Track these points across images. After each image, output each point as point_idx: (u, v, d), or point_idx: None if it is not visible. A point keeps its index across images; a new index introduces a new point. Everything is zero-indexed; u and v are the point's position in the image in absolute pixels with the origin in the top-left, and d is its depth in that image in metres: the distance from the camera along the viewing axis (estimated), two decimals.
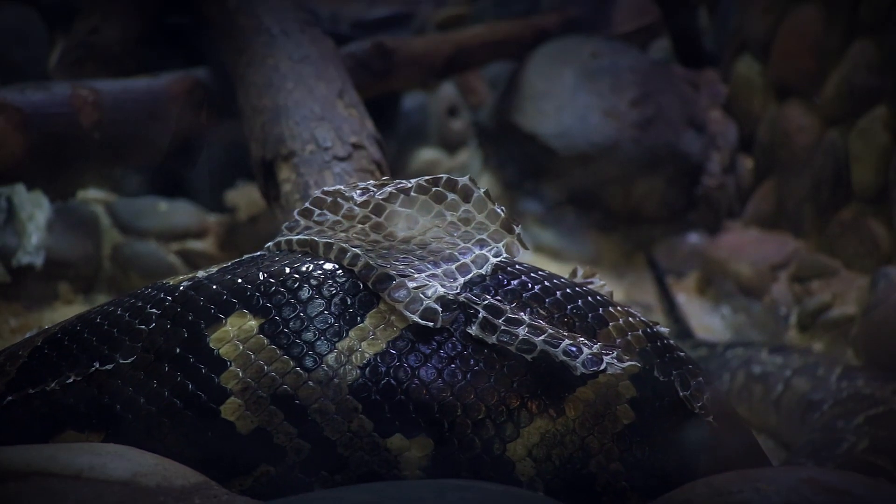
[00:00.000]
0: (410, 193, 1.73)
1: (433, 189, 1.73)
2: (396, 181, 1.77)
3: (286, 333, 1.56)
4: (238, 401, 1.55)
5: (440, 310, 1.56)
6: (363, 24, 4.88)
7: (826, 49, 4.15)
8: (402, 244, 1.69)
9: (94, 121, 3.31)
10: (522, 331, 1.55)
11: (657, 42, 5.39)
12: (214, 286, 1.62)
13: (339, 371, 1.54)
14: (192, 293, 1.62)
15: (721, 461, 1.60)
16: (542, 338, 1.55)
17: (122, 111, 3.42)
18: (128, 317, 1.62)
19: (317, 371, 1.54)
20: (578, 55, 4.85)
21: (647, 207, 4.77)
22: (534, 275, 1.67)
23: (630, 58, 4.91)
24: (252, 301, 1.59)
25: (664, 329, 1.72)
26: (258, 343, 1.56)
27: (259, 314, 1.58)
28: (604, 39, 5.01)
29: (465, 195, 1.74)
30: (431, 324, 1.55)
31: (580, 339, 1.57)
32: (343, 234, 1.71)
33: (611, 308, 1.67)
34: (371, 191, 1.76)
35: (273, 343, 1.56)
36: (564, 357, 1.53)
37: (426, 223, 1.72)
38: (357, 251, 1.63)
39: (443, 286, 1.58)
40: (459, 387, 1.53)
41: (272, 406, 1.55)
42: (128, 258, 3.98)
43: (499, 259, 1.67)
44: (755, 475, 1.42)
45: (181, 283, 1.65)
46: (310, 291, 1.60)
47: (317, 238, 1.70)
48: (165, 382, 1.56)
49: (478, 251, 1.67)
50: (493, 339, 1.55)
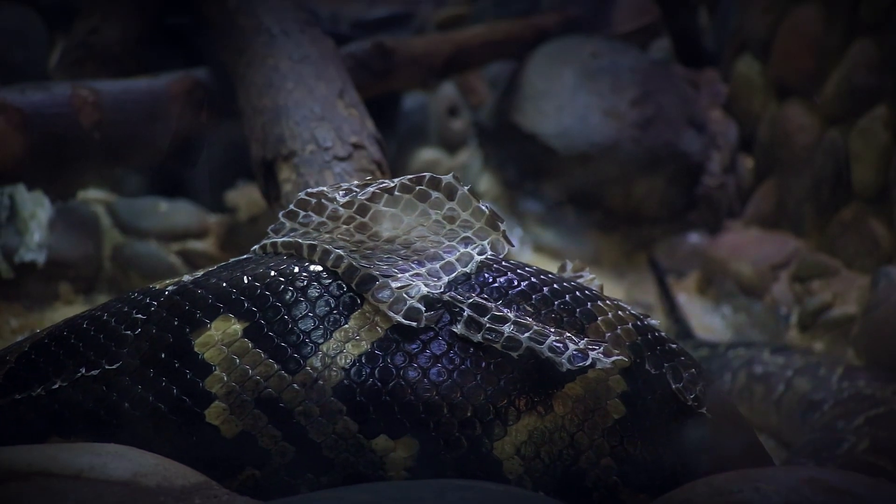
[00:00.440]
0: (394, 193, 1.72)
1: (417, 188, 1.72)
2: (379, 181, 1.76)
3: (270, 336, 1.56)
4: (222, 405, 1.55)
5: (424, 309, 1.55)
6: (363, 24, 4.88)
7: (826, 48, 4.15)
8: (387, 244, 1.69)
9: (95, 121, 3.31)
10: (508, 328, 1.54)
11: (657, 42, 5.39)
12: (199, 290, 1.62)
13: (323, 373, 1.54)
14: (178, 298, 1.61)
15: (716, 453, 1.60)
16: (528, 335, 1.54)
17: (123, 111, 3.42)
18: (114, 322, 1.62)
19: (300, 374, 1.54)
20: (578, 55, 4.85)
21: (648, 207, 4.77)
22: (520, 271, 1.66)
23: (630, 58, 4.91)
24: (236, 305, 1.59)
25: (655, 321, 1.71)
26: (242, 347, 1.56)
27: (243, 318, 1.58)
28: (604, 39, 5.01)
29: (450, 193, 1.72)
30: (415, 324, 1.54)
31: (567, 335, 1.56)
32: (328, 236, 1.70)
33: (600, 302, 1.66)
34: (354, 191, 1.75)
35: (257, 346, 1.56)
36: (550, 353, 1.53)
37: (411, 222, 1.71)
38: (340, 252, 1.63)
39: (426, 285, 1.58)
40: (444, 386, 1.53)
41: (256, 409, 1.55)
42: (128, 258, 3.98)
43: (484, 257, 1.66)
44: (755, 475, 1.42)
45: (167, 288, 1.65)
46: (294, 294, 1.59)
47: (301, 240, 1.69)
48: (150, 387, 1.56)
49: (462, 249, 1.67)
50: (479, 338, 1.54)
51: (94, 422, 1.56)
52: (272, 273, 1.63)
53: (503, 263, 1.68)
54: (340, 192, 1.75)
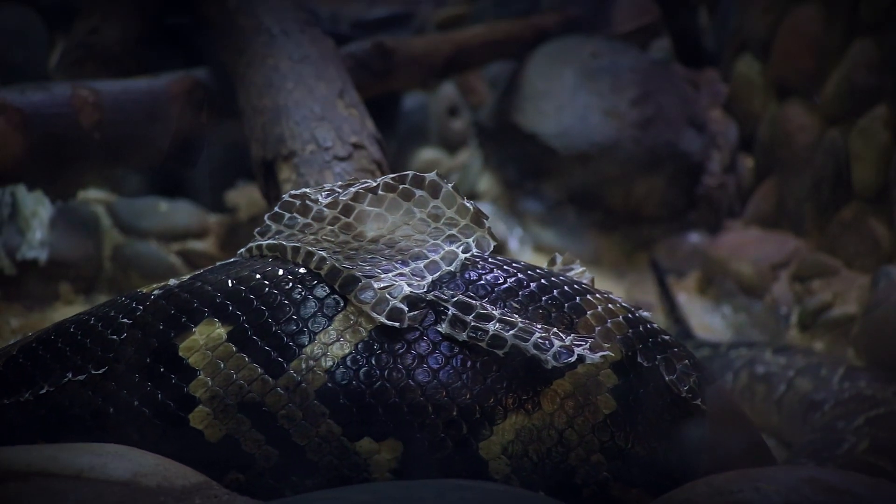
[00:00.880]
0: (378, 192, 1.71)
1: (400, 186, 1.71)
2: (363, 180, 1.75)
3: (254, 340, 1.56)
4: (206, 409, 1.55)
5: (406, 309, 1.54)
6: (363, 24, 4.89)
7: (826, 48, 4.15)
8: (371, 244, 1.68)
9: (95, 121, 3.31)
10: (493, 326, 1.53)
11: (657, 42, 5.39)
12: (185, 294, 1.62)
13: (307, 376, 1.53)
14: (163, 302, 1.61)
15: (717, 449, 1.59)
16: (512, 332, 1.53)
17: (123, 112, 3.42)
18: (101, 327, 1.62)
19: (284, 377, 1.53)
20: (578, 55, 4.85)
21: (648, 207, 4.77)
22: (507, 268, 1.65)
23: (630, 57, 4.91)
24: (220, 309, 1.58)
25: (646, 313, 1.70)
26: (226, 351, 1.56)
27: (227, 322, 1.57)
28: (604, 39, 5.01)
29: (434, 190, 1.71)
30: (398, 324, 1.53)
31: (553, 332, 1.55)
32: (312, 237, 1.69)
33: (589, 296, 1.64)
34: (336, 191, 1.74)
35: (241, 350, 1.55)
36: (535, 351, 1.52)
37: (396, 221, 1.70)
38: (323, 254, 1.62)
39: (410, 285, 1.57)
40: (429, 387, 1.52)
41: (239, 414, 1.54)
42: (128, 258, 3.98)
43: (468, 254, 1.65)
44: (755, 474, 1.42)
45: (153, 292, 1.65)
46: (277, 297, 1.59)
47: (284, 242, 1.69)
48: (136, 392, 1.56)
49: (447, 247, 1.65)
50: (464, 336, 1.53)
51: (81, 427, 1.56)
52: (256, 276, 1.62)
53: (489, 260, 1.66)
54: (323, 194, 1.74)
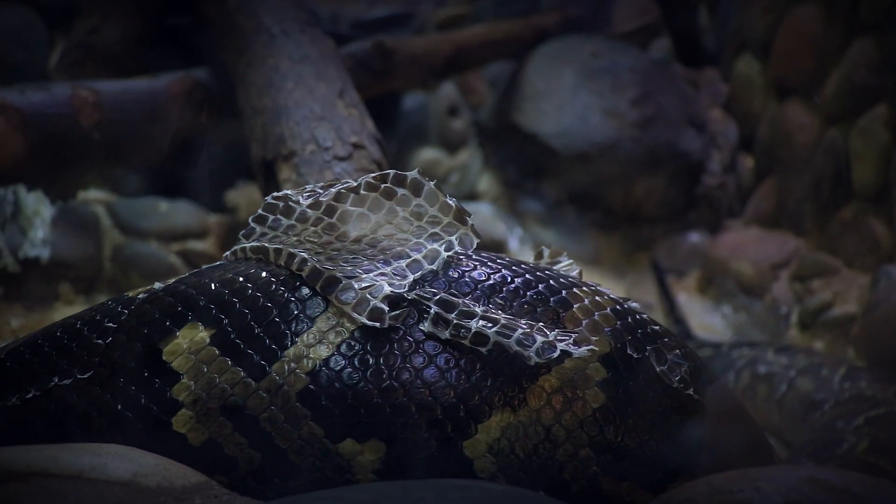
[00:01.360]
0: (360, 191, 1.70)
1: (382, 185, 1.70)
2: (344, 180, 1.75)
3: (236, 344, 1.56)
4: (189, 413, 1.55)
5: (387, 309, 1.53)
6: (363, 24, 4.88)
7: (826, 48, 4.15)
8: (354, 244, 1.67)
9: (95, 121, 3.31)
10: (475, 323, 1.52)
11: (657, 41, 5.38)
12: (169, 298, 1.62)
13: (288, 379, 1.53)
14: (148, 306, 1.62)
15: (715, 439, 1.58)
16: (495, 329, 1.52)
17: (123, 112, 3.42)
18: (86, 331, 1.62)
19: (265, 380, 1.53)
20: (578, 55, 4.85)
21: (648, 207, 4.77)
22: (491, 264, 1.64)
23: (630, 57, 4.91)
24: (203, 312, 1.58)
25: (635, 304, 1.69)
26: (209, 354, 1.56)
27: (210, 325, 1.57)
28: (604, 39, 5.01)
29: (416, 189, 1.70)
30: (378, 324, 1.53)
31: (538, 327, 1.54)
32: (295, 238, 1.69)
33: (576, 289, 1.63)
34: (318, 192, 1.74)
35: (223, 354, 1.55)
36: (518, 347, 1.51)
37: (379, 220, 1.69)
38: (304, 255, 1.61)
39: (391, 285, 1.56)
40: (410, 386, 1.51)
41: (222, 417, 1.54)
42: (128, 259, 3.98)
43: (451, 253, 1.64)
44: (756, 474, 1.42)
45: (139, 296, 1.65)
46: (260, 300, 1.58)
47: (267, 244, 1.68)
48: (119, 396, 1.56)
49: (430, 246, 1.65)
50: (446, 335, 1.52)
51: (66, 431, 1.56)
52: (239, 279, 1.62)
53: (473, 257, 1.66)
54: (304, 195, 1.74)
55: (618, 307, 1.64)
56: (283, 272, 1.62)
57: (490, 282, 1.61)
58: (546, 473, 1.53)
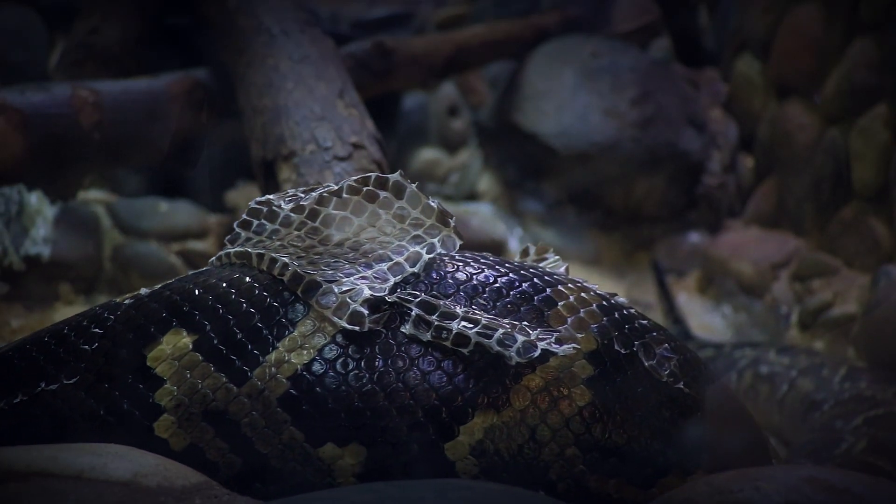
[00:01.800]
0: (342, 195, 1.70)
1: (364, 189, 1.70)
2: (325, 184, 1.74)
3: (218, 349, 1.56)
4: (171, 418, 1.55)
5: (366, 313, 1.53)
6: (363, 24, 4.89)
7: (826, 48, 4.15)
8: (336, 248, 1.67)
9: (95, 121, 3.31)
10: (456, 325, 1.52)
11: (657, 41, 5.39)
12: (153, 304, 1.62)
13: (269, 384, 1.53)
14: (134, 312, 1.62)
15: (713, 439, 1.57)
16: (476, 329, 1.51)
17: (123, 112, 3.42)
18: (73, 336, 1.63)
19: (247, 385, 1.54)
20: (578, 55, 4.85)
21: (648, 207, 4.77)
22: (474, 264, 1.64)
23: (630, 57, 4.91)
24: (187, 318, 1.59)
25: (623, 299, 1.68)
26: (192, 360, 1.56)
27: (193, 331, 1.58)
28: (604, 39, 5.01)
29: (398, 191, 1.70)
30: (357, 328, 1.53)
31: (520, 326, 1.54)
32: (279, 243, 1.69)
33: (560, 286, 1.62)
34: (299, 196, 1.73)
35: (206, 359, 1.56)
36: (499, 347, 1.50)
37: (362, 223, 1.69)
38: (286, 260, 1.61)
39: (371, 288, 1.56)
40: (392, 390, 1.51)
41: (203, 422, 1.55)
42: (129, 259, 3.98)
43: (433, 255, 1.64)
44: (756, 474, 1.41)
45: (125, 301, 1.66)
46: (242, 305, 1.59)
47: (250, 249, 1.68)
48: (103, 402, 1.57)
49: (412, 249, 1.64)
50: (428, 336, 1.52)
51: (52, 436, 1.56)
52: (222, 284, 1.62)
53: (456, 257, 1.66)
54: (285, 200, 1.74)
55: (604, 303, 1.62)
56: (266, 277, 1.62)
57: (473, 282, 1.60)
58: (531, 473, 1.52)
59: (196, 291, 1.62)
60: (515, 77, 4.91)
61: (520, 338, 1.51)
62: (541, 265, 1.81)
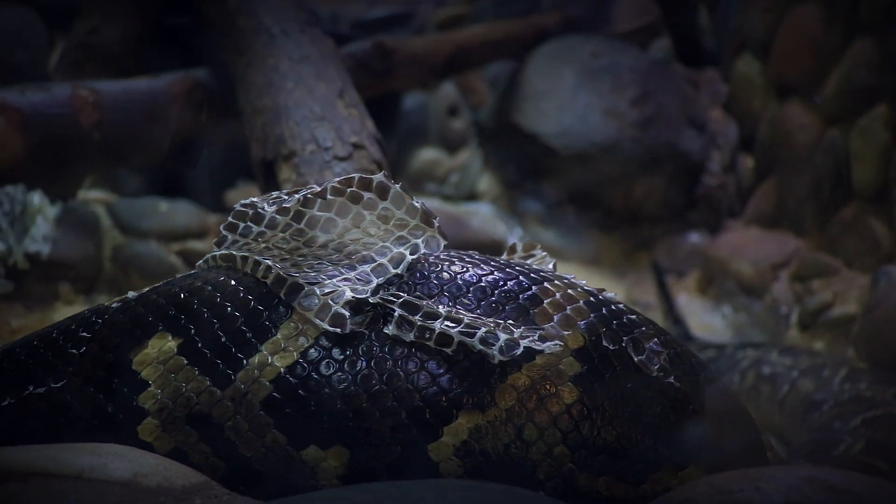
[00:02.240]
0: (327, 196, 1.69)
1: (348, 190, 1.69)
2: (309, 186, 1.74)
3: (203, 352, 1.56)
4: (154, 421, 1.55)
5: (348, 315, 1.53)
6: (363, 24, 4.89)
7: (826, 48, 4.15)
8: (320, 249, 1.67)
9: (95, 121, 3.31)
10: (439, 324, 1.51)
11: (657, 41, 5.39)
12: (140, 308, 1.63)
13: (252, 387, 1.53)
14: (120, 316, 1.63)
15: (702, 430, 1.56)
16: (459, 329, 1.51)
17: (123, 112, 3.42)
18: (62, 340, 1.63)
19: (230, 388, 1.54)
20: (578, 55, 4.85)
21: (648, 207, 4.77)
22: (459, 263, 1.63)
23: (630, 57, 4.91)
24: (172, 321, 1.59)
25: (611, 294, 1.67)
26: (177, 363, 1.56)
27: (178, 334, 1.58)
28: (604, 39, 5.01)
29: (381, 192, 1.69)
30: (339, 330, 1.52)
31: (503, 325, 1.53)
32: (264, 245, 1.69)
33: (547, 284, 1.61)
34: (283, 198, 1.73)
35: (191, 363, 1.56)
36: (482, 346, 1.50)
37: (346, 225, 1.69)
38: (269, 262, 1.61)
39: (354, 290, 1.55)
40: (374, 391, 1.50)
41: (187, 426, 1.55)
42: (128, 258, 3.98)
43: (416, 256, 1.63)
44: (756, 474, 1.42)
45: (113, 305, 1.66)
46: (226, 308, 1.59)
47: (234, 252, 1.68)
48: (89, 405, 1.57)
49: (396, 250, 1.64)
50: (411, 337, 1.52)
51: (37, 440, 1.56)
52: (208, 288, 1.62)
53: (441, 256, 1.65)
54: (269, 202, 1.74)
55: (592, 299, 1.61)
56: (251, 280, 1.62)
57: (458, 281, 1.60)
58: (519, 473, 1.51)
59: (181, 295, 1.62)
60: (515, 77, 4.91)
61: (502, 336, 1.51)
62: (528, 262, 1.81)
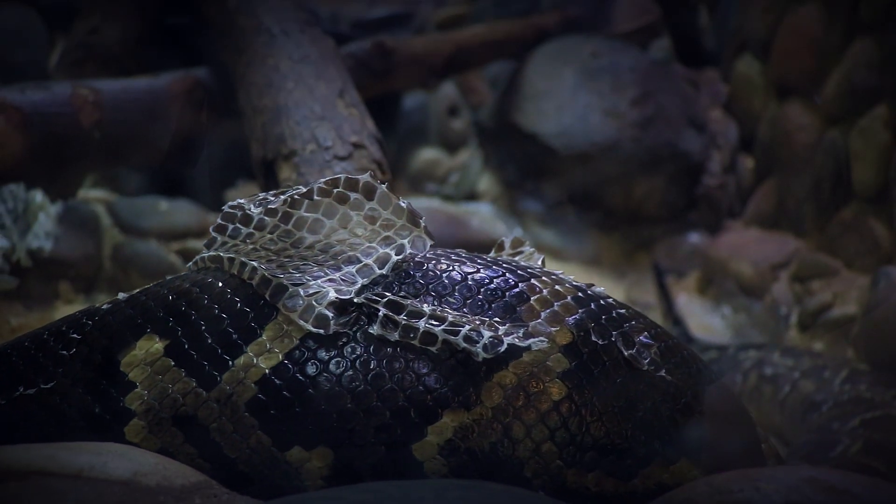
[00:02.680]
0: (313, 197, 1.70)
1: (335, 190, 1.70)
2: (296, 187, 1.75)
3: (189, 354, 1.57)
4: (141, 423, 1.56)
5: (331, 316, 1.53)
6: (363, 24, 4.89)
7: (826, 48, 4.15)
8: (307, 250, 1.67)
9: (95, 121, 3.31)
10: (423, 323, 1.52)
11: (657, 41, 5.39)
12: (129, 310, 1.64)
13: (237, 388, 1.54)
14: (110, 317, 1.64)
15: (700, 428, 1.56)
16: (443, 327, 1.51)
17: (123, 111, 3.42)
18: (52, 342, 1.64)
19: (216, 390, 1.54)
20: (578, 55, 4.85)
21: (648, 207, 4.77)
22: (445, 262, 1.63)
23: (630, 57, 4.91)
24: (160, 323, 1.60)
25: (600, 289, 1.67)
26: (164, 365, 1.57)
27: (165, 336, 1.59)
28: (604, 39, 5.01)
29: (368, 193, 1.70)
30: (322, 331, 1.52)
31: (488, 322, 1.53)
32: (252, 247, 1.69)
33: (534, 280, 1.61)
34: (269, 199, 1.74)
35: (177, 364, 1.56)
36: (465, 344, 1.50)
37: (333, 226, 1.69)
38: (254, 264, 1.62)
39: (338, 291, 1.56)
40: (358, 392, 1.50)
41: (173, 427, 1.55)
42: (128, 258, 3.98)
43: (402, 256, 1.64)
44: (756, 474, 1.42)
45: (103, 306, 1.67)
46: (212, 309, 1.59)
47: (222, 253, 1.69)
48: (77, 406, 1.58)
49: (381, 250, 1.64)
50: (396, 336, 1.52)
51: (27, 440, 1.57)
52: (195, 289, 1.63)
53: (428, 255, 1.65)
54: (255, 203, 1.74)
55: (580, 294, 1.61)
56: (238, 281, 1.63)
57: (444, 280, 1.60)
58: (505, 471, 1.51)
59: (169, 297, 1.63)
60: (515, 77, 4.91)
61: (486, 333, 1.51)
62: (516, 258, 1.81)
